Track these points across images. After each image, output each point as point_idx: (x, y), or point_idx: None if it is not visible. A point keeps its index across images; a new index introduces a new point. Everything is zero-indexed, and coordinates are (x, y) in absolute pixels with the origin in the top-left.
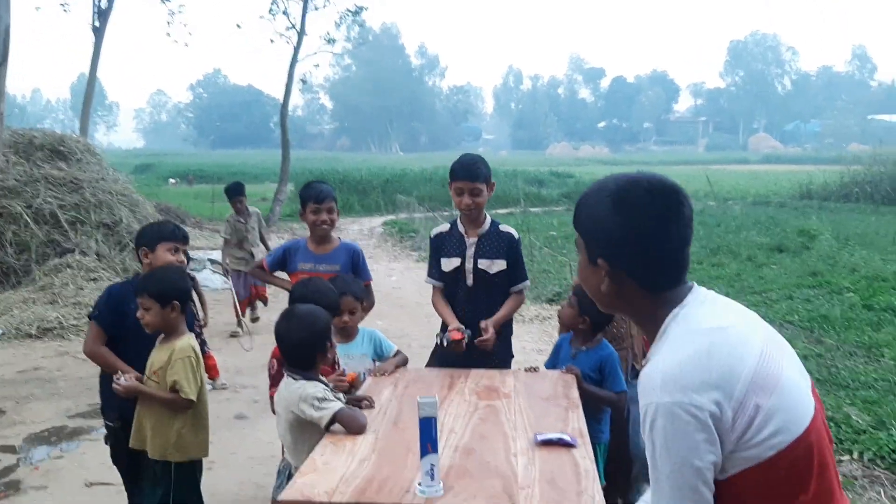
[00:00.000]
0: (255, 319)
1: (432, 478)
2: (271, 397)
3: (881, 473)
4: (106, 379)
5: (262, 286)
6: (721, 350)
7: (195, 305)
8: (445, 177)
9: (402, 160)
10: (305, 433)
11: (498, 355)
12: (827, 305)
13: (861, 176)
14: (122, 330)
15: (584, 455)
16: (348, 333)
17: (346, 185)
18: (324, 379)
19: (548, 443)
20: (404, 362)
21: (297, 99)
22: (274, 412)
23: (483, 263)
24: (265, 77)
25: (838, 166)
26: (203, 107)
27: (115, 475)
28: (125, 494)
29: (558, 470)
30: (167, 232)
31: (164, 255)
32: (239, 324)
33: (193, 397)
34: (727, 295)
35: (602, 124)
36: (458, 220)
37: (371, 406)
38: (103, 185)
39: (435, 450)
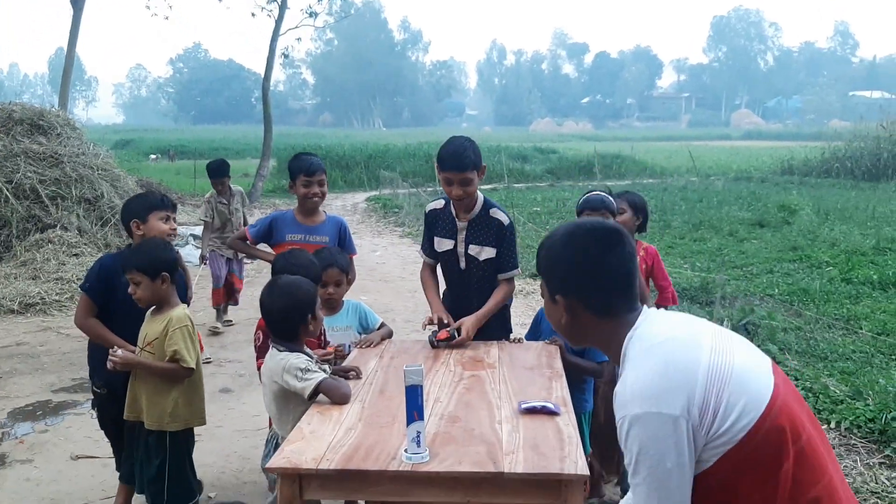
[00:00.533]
0: (227, 322)
1: (418, 444)
2: (259, 368)
3: (857, 442)
4: (94, 345)
5: (239, 277)
6: (675, 358)
7: (186, 275)
8: (429, 152)
9: (384, 136)
10: (290, 403)
11: (494, 335)
12: (807, 279)
13: (841, 152)
14: (112, 302)
15: (568, 422)
16: (333, 306)
17: (329, 161)
18: (308, 350)
19: (532, 411)
20: (389, 335)
21: (278, 74)
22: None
23: (473, 249)
24: (246, 51)
25: (819, 142)
26: (183, 82)
27: (100, 448)
28: (111, 467)
29: (542, 436)
30: (156, 201)
31: (157, 224)
32: (218, 316)
33: (194, 365)
34: (709, 270)
35: (585, 100)
36: (452, 202)
37: (358, 376)
38: (84, 159)
39: (421, 417)
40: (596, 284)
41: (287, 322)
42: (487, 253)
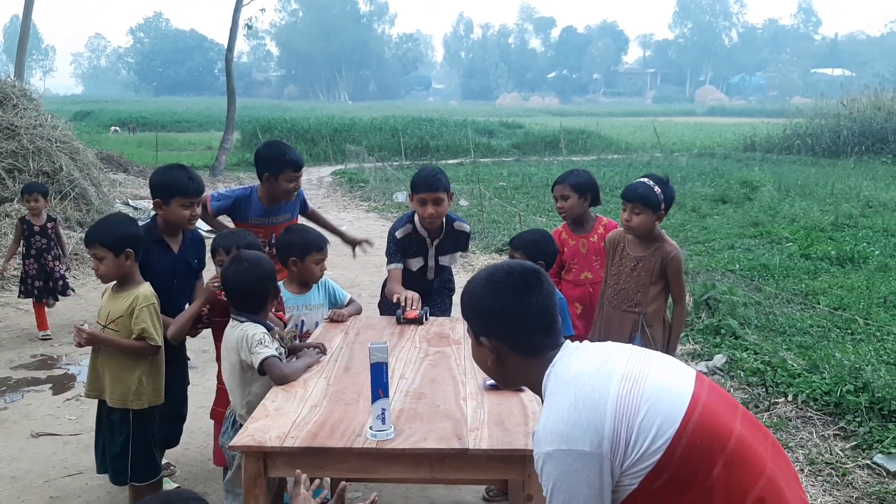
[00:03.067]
0: None
1: (383, 422)
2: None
3: (813, 414)
4: None
5: None
6: (584, 393)
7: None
8: (396, 126)
9: (350, 109)
10: (247, 375)
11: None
12: (767, 254)
13: (802, 129)
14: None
15: (532, 398)
16: (307, 284)
17: (293, 135)
18: (269, 323)
19: (496, 387)
20: (359, 311)
21: (242, 45)
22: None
23: (443, 260)
24: (209, 21)
25: (781, 119)
26: (144, 52)
27: (61, 426)
28: (72, 444)
29: (506, 412)
30: (182, 185)
31: (178, 210)
32: None
33: (161, 343)
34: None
35: (552, 75)
36: (417, 223)
37: (323, 353)
38: (41, 131)
39: (386, 394)
40: (517, 326)
41: (256, 294)
42: (454, 258)
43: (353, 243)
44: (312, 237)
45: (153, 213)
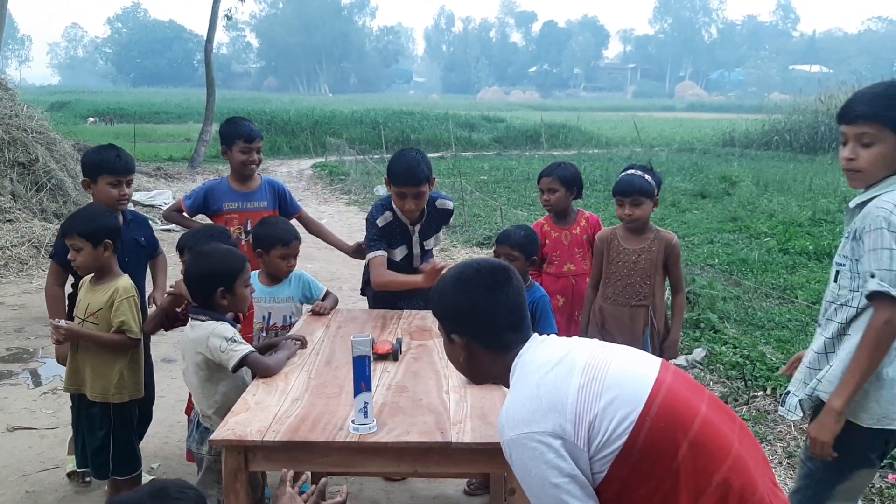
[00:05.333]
0: None
1: (366, 415)
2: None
3: None
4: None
5: None
6: (546, 380)
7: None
8: (376, 119)
9: (331, 101)
10: (214, 375)
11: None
12: (746, 249)
13: (781, 124)
14: None
15: None
16: (277, 277)
17: (273, 127)
18: (231, 320)
19: None
20: (336, 303)
21: (221, 36)
22: None
23: (428, 244)
24: (187, 12)
25: (760, 115)
26: (122, 42)
27: (37, 419)
28: (49, 438)
29: (489, 405)
30: (109, 162)
31: (106, 188)
32: None
33: (141, 336)
34: None
35: (533, 69)
36: (397, 210)
37: (303, 345)
38: (17, 121)
39: (368, 388)
40: (487, 323)
41: (202, 286)
42: (437, 239)
43: (351, 252)
44: (280, 231)
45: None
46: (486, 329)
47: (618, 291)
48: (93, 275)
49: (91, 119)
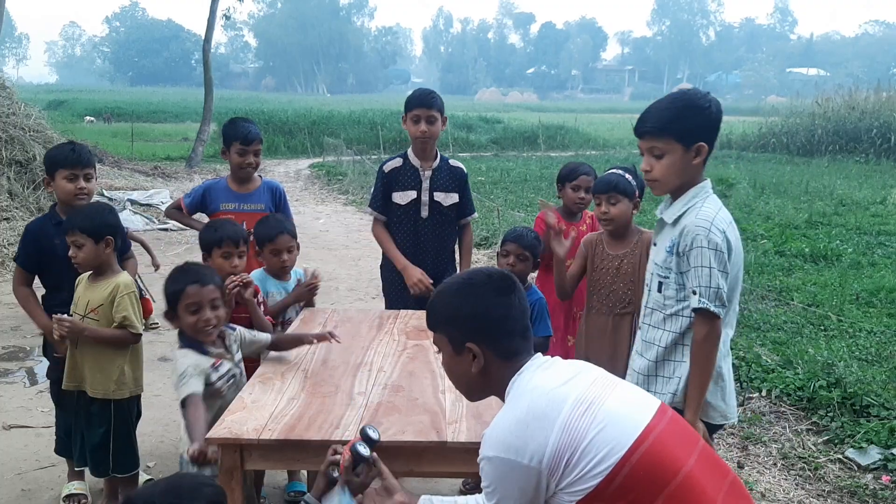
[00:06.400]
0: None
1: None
2: None
3: (787, 409)
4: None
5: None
6: (537, 406)
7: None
8: (374, 120)
9: (328, 102)
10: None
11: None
12: (742, 251)
13: (778, 127)
14: (47, 264)
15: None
16: (286, 272)
17: (271, 126)
18: (205, 347)
19: None
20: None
21: (219, 35)
22: None
23: (438, 196)
24: (186, 11)
25: (756, 117)
26: (120, 41)
27: (33, 418)
28: (45, 437)
29: (485, 405)
30: (62, 157)
31: (62, 183)
32: None
33: (142, 332)
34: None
35: (531, 70)
36: (410, 154)
37: (336, 339)
38: (14, 120)
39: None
40: (502, 329)
41: (167, 300)
42: (452, 198)
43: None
44: (264, 228)
45: (52, 203)
46: (502, 335)
47: (602, 300)
48: (91, 272)
49: (88, 118)
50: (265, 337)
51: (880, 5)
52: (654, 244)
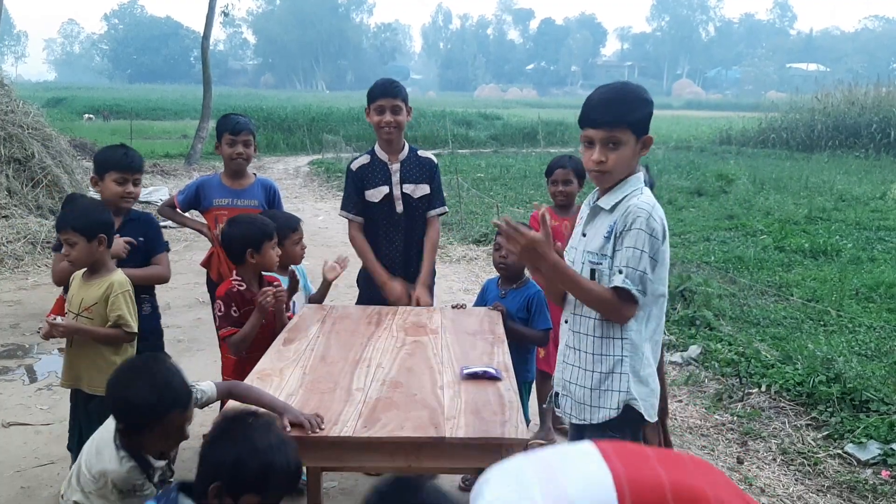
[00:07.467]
0: None
1: None
2: (223, 339)
3: (786, 404)
4: None
5: None
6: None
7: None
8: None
9: (327, 98)
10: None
11: None
12: (742, 247)
13: (777, 123)
14: None
15: (509, 387)
16: (299, 261)
17: (270, 123)
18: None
19: (473, 376)
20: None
21: (218, 32)
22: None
23: (408, 188)
24: (184, 8)
25: (756, 113)
26: (118, 38)
27: (32, 415)
28: (44, 434)
29: (483, 401)
30: (115, 160)
31: (111, 185)
32: None
33: (137, 330)
34: None
35: (530, 67)
36: (377, 149)
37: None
38: (13, 118)
39: None
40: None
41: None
42: (422, 190)
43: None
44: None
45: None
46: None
47: None
48: (85, 270)
49: (87, 115)
50: (212, 393)
51: (880, 1)
52: (584, 234)
